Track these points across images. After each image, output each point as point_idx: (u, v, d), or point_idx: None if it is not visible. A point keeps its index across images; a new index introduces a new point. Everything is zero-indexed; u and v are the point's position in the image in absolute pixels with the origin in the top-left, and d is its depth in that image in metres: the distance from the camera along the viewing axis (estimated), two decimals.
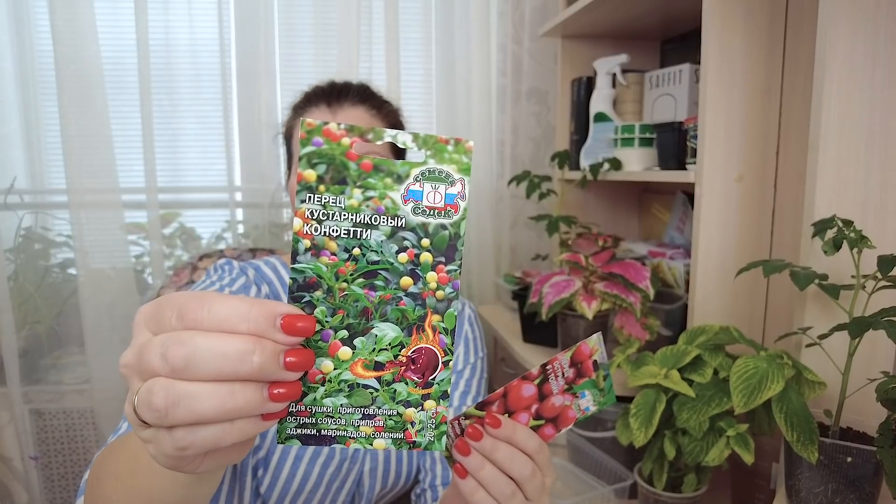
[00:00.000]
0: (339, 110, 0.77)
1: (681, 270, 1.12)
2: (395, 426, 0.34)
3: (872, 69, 0.70)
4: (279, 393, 0.30)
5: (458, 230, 0.33)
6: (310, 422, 0.33)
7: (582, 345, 0.45)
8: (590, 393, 0.45)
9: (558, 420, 0.46)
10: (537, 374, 0.45)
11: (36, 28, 1.48)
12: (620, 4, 1.12)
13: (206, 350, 0.28)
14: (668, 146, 1.03)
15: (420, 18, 1.57)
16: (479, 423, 0.44)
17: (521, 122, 1.63)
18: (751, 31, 0.88)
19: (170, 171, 1.53)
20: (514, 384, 0.45)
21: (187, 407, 0.28)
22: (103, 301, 1.46)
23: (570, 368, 0.45)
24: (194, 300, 0.29)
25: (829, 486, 0.65)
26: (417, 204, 0.33)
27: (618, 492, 0.95)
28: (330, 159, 0.31)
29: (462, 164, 0.33)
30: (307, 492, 0.73)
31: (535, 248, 1.66)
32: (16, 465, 1.53)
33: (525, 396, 0.45)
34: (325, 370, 0.33)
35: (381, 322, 0.33)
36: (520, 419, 0.45)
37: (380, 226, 0.32)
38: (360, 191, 0.32)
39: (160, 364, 0.28)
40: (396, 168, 0.32)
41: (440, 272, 0.33)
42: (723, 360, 0.79)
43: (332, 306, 0.32)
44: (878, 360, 0.72)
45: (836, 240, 0.64)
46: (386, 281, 0.33)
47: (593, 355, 0.45)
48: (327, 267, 0.32)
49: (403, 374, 0.34)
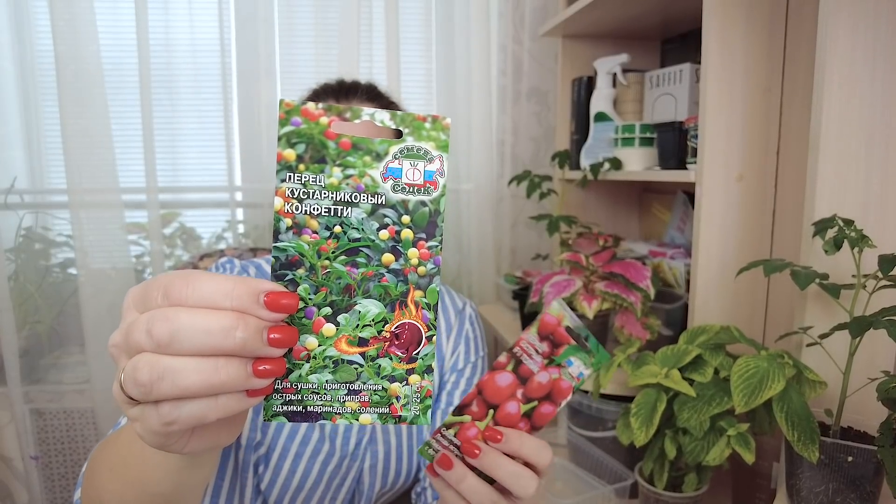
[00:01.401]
0: None
1: (681, 270, 1.12)
2: (381, 401, 0.35)
3: (873, 68, 0.70)
4: (264, 369, 0.30)
5: (438, 206, 0.34)
6: (295, 398, 0.34)
7: (545, 316, 0.43)
8: (576, 359, 0.43)
9: (553, 395, 0.44)
10: (506, 360, 0.43)
11: (36, 28, 1.48)
12: (621, 4, 1.12)
13: (189, 326, 0.28)
14: (668, 146, 1.03)
15: (420, 18, 1.57)
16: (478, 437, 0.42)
17: (522, 122, 1.63)
18: (751, 30, 0.88)
19: (170, 170, 1.53)
20: (486, 378, 0.43)
21: (171, 381, 0.28)
22: (104, 301, 1.46)
23: (541, 343, 0.43)
24: (179, 279, 0.29)
25: (830, 485, 0.65)
26: (397, 181, 0.33)
27: (618, 491, 0.95)
28: (309, 139, 0.32)
29: (440, 142, 0.33)
30: (307, 489, 0.73)
31: (536, 248, 1.66)
32: (16, 465, 1.53)
33: (503, 386, 0.43)
34: (309, 347, 0.33)
35: (363, 298, 0.33)
36: (508, 409, 0.43)
37: (360, 203, 0.33)
38: (339, 169, 0.32)
39: (145, 340, 0.28)
40: (375, 146, 0.32)
41: (421, 248, 0.34)
42: (723, 359, 0.79)
43: (314, 284, 0.33)
44: (879, 359, 0.72)
45: (836, 239, 0.64)
46: (368, 258, 0.33)
47: (561, 322, 0.43)
48: (309, 245, 0.32)
49: (387, 350, 0.34)
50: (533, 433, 0.44)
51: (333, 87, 0.81)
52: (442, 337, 0.85)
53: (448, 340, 0.85)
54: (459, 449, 0.43)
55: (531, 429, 0.44)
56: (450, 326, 0.86)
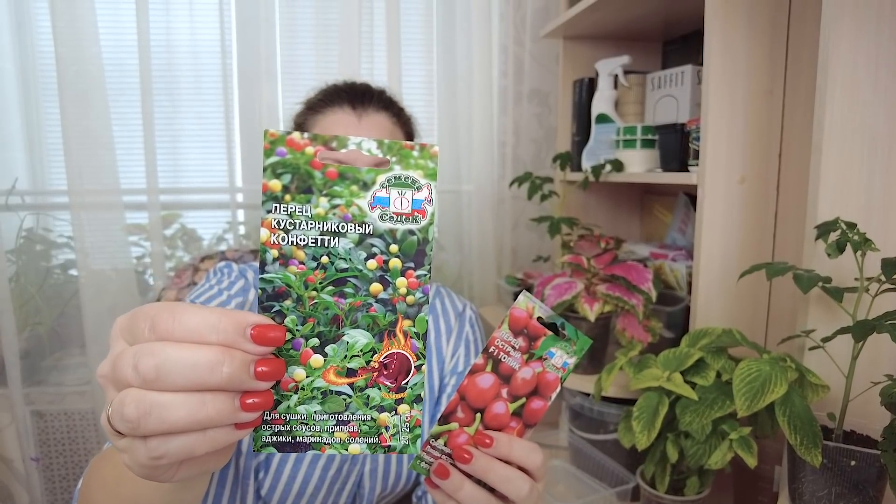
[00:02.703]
0: (363, 115, 0.75)
1: (683, 272, 1.12)
2: (370, 431, 0.34)
3: (876, 70, 0.69)
4: (251, 402, 0.30)
5: (427, 235, 0.33)
6: (284, 429, 0.34)
7: (513, 311, 0.42)
8: (557, 349, 0.42)
9: (540, 389, 0.43)
10: (484, 361, 0.42)
11: (37, 29, 1.48)
12: (622, 6, 1.11)
13: (175, 361, 0.28)
14: (670, 148, 1.02)
15: (421, 20, 1.57)
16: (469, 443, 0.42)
17: (523, 124, 1.63)
18: (753, 31, 0.88)
19: (171, 172, 1.53)
20: (466, 382, 0.42)
21: (158, 417, 0.28)
22: (104, 302, 1.46)
23: (516, 339, 0.42)
24: (165, 312, 0.29)
25: (833, 489, 0.65)
26: (385, 210, 0.33)
27: (620, 494, 0.94)
28: (294, 169, 0.31)
29: (428, 170, 0.33)
30: (309, 494, 0.73)
31: (537, 250, 1.66)
32: (17, 467, 1.53)
33: (485, 388, 0.42)
34: (297, 378, 0.33)
35: (351, 329, 0.33)
36: (496, 410, 0.42)
37: (347, 233, 0.33)
38: (326, 199, 0.32)
39: (132, 375, 0.28)
40: (362, 175, 0.32)
41: (410, 277, 0.33)
42: (725, 362, 0.79)
43: (302, 315, 0.33)
44: (882, 363, 0.71)
45: (839, 242, 0.64)
46: (355, 288, 0.33)
47: (532, 314, 0.42)
48: (296, 276, 0.32)
49: (376, 380, 0.34)
50: (527, 431, 0.44)
51: (345, 88, 0.78)
52: (442, 339, 0.85)
53: (448, 343, 0.85)
54: (451, 457, 0.43)
55: (524, 427, 0.43)
56: (450, 329, 0.86)
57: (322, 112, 0.77)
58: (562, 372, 0.43)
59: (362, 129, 0.74)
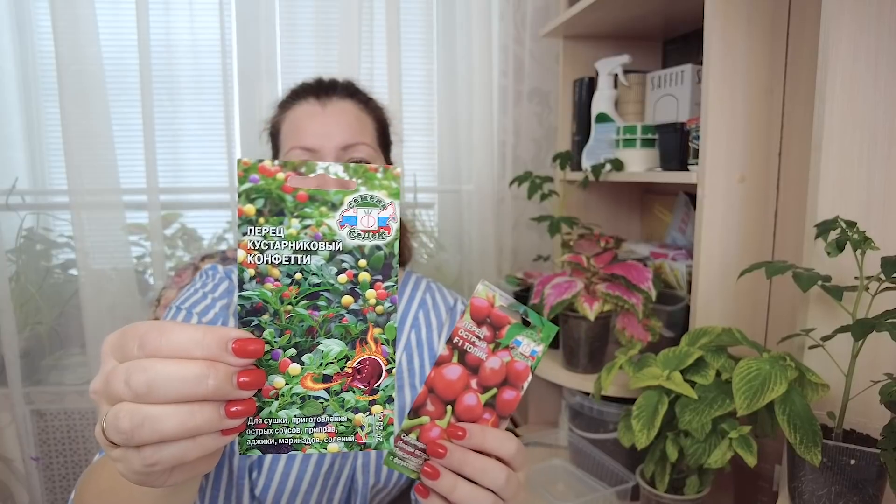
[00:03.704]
0: (328, 103, 0.77)
1: (683, 271, 1.12)
2: (346, 431, 0.37)
3: (876, 68, 0.69)
4: (235, 410, 0.33)
5: (392, 249, 0.36)
6: (267, 433, 0.36)
7: (474, 300, 0.42)
8: (523, 337, 0.42)
9: (511, 379, 0.43)
10: (449, 352, 0.42)
11: (37, 29, 1.48)
12: (622, 5, 1.11)
13: (165, 376, 0.30)
14: (670, 147, 1.02)
15: (421, 19, 1.57)
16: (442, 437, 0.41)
17: (523, 123, 1.62)
18: (753, 30, 0.88)
19: (171, 171, 1.53)
20: (433, 375, 0.42)
21: (151, 428, 0.31)
22: (104, 302, 1.46)
23: (480, 328, 0.42)
24: (153, 330, 0.32)
25: (833, 488, 0.65)
26: (353, 228, 0.35)
27: (620, 494, 0.94)
28: (267, 194, 0.34)
29: (392, 189, 0.35)
30: (303, 491, 0.73)
31: (537, 249, 1.66)
32: (17, 466, 1.53)
33: (453, 379, 0.42)
34: (277, 386, 0.36)
35: (326, 338, 0.36)
36: (467, 402, 0.42)
37: (319, 251, 0.35)
38: (297, 220, 0.34)
39: (125, 390, 0.31)
40: (331, 197, 0.35)
41: (378, 289, 0.36)
42: (725, 361, 0.79)
43: (279, 328, 0.35)
44: (882, 362, 0.71)
45: (839, 241, 0.64)
46: (328, 301, 0.36)
47: (493, 303, 0.42)
48: (272, 292, 0.35)
49: (350, 384, 0.37)
50: (502, 422, 0.43)
51: (312, 84, 0.81)
52: (433, 334, 0.85)
53: (440, 338, 0.85)
54: (424, 452, 0.42)
55: (498, 418, 0.43)
56: (441, 324, 0.87)
57: (290, 108, 0.79)
58: (531, 360, 0.43)
59: (327, 116, 0.76)
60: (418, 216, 1.64)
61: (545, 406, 1.34)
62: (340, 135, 0.75)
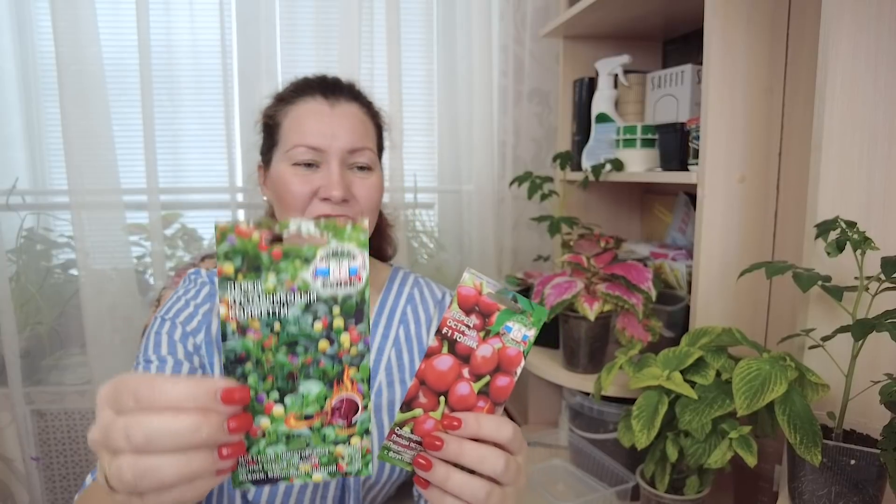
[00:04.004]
0: (336, 103, 0.77)
1: (683, 272, 1.12)
2: (329, 461, 0.40)
3: (875, 68, 0.69)
4: (227, 453, 0.36)
5: (363, 296, 0.38)
6: (257, 468, 0.39)
7: (461, 289, 0.42)
8: (513, 323, 0.42)
9: (503, 365, 0.42)
10: (438, 343, 0.42)
11: (38, 29, 1.48)
12: (622, 5, 1.11)
13: (162, 429, 0.33)
14: (670, 147, 1.02)
15: (421, 19, 1.57)
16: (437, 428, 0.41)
17: (523, 123, 1.62)
18: (753, 31, 0.88)
19: (171, 171, 1.53)
20: (424, 367, 0.42)
21: (152, 477, 0.33)
22: (105, 302, 1.46)
23: (469, 317, 0.42)
24: (145, 385, 0.34)
25: (833, 488, 0.65)
26: (325, 280, 0.38)
27: (620, 494, 0.94)
28: (244, 253, 0.36)
29: (360, 241, 0.38)
30: (296, 492, 0.73)
31: (537, 250, 1.66)
32: (17, 466, 1.53)
33: (444, 370, 0.42)
34: (263, 426, 0.39)
35: (305, 381, 0.39)
36: (460, 392, 0.42)
37: (295, 302, 0.38)
38: (274, 275, 0.37)
39: (125, 444, 0.33)
40: (304, 252, 0.37)
41: (352, 332, 0.39)
42: (725, 361, 0.79)
43: (262, 374, 0.38)
44: (882, 362, 0.71)
45: (839, 241, 0.64)
46: (305, 347, 0.38)
47: (481, 291, 0.42)
48: (253, 343, 0.38)
49: (330, 421, 0.40)
50: (497, 409, 0.43)
51: (316, 80, 0.81)
52: (422, 329, 0.86)
53: (429, 333, 0.86)
54: (420, 445, 0.42)
55: (493, 405, 0.43)
56: (429, 318, 0.87)
57: (293, 102, 0.78)
58: (523, 346, 0.43)
59: (335, 117, 0.76)
60: (418, 216, 1.64)
61: (545, 406, 1.34)
62: (347, 137, 0.75)
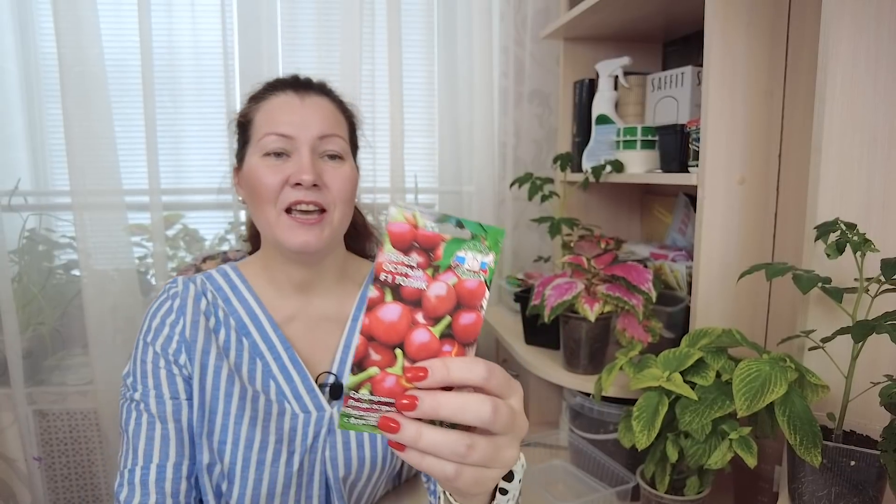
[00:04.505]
0: (306, 96, 0.79)
1: (683, 272, 1.12)
2: None
3: (875, 70, 0.70)
4: None
5: None
6: None
7: (391, 228, 0.37)
8: (465, 251, 0.37)
9: (464, 300, 0.37)
10: (379, 292, 0.37)
11: (40, 30, 1.48)
12: (622, 7, 1.12)
13: None
14: (670, 148, 1.03)
15: (422, 21, 1.57)
16: (400, 385, 0.37)
17: (523, 124, 1.63)
18: (753, 32, 0.88)
19: (173, 172, 1.54)
20: (368, 322, 0.37)
21: None
22: (107, 302, 1.46)
23: (409, 256, 0.37)
24: None
25: (833, 489, 0.65)
26: None
27: (620, 494, 0.95)
28: None
29: None
30: (279, 494, 0.73)
31: (537, 250, 1.66)
32: (19, 466, 1.54)
33: (394, 319, 0.37)
34: None
35: None
36: (418, 339, 0.37)
37: None
38: None
39: None
40: None
41: None
42: (725, 362, 0.79)
43: None
44: (882, 363, 0.71)
45: (839, 243, 0.64)
46: None
47: (416, 224, 0.37)
48: None
49: None
50: (468, 351, 0.38)
51: (288, 79, 0.83)
52: None
53: None
54: (388, 405, 0.37)
55: (462, 346, 0.38)
56: None
57: (265, 98, 0.80)
58: (483, 275, 0.38)
59: (305, 107, 0.77)
60: None
61: (545, 407, 1.34)
62: (317, 125, 0.76)
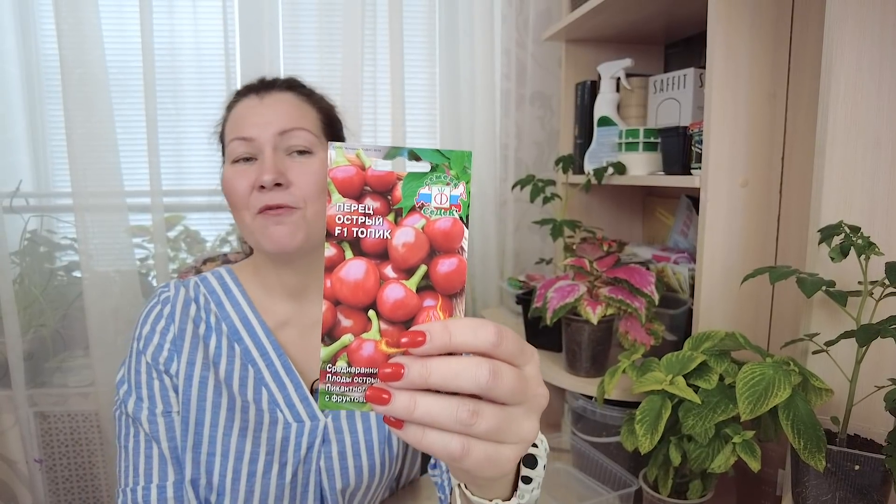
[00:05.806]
0: (266, 96, 0.79)
1: (685, 275, 1.12)
2: None
3: (879, 73, 0.69)
4: None
5: None
6: None
7: (334, 174, 0.32)
8: (429, 186, 0.33)
9: (439, 244, 0.33)
10: (336, 249, 0.33)
11: (41, 32, 1.49)
12: (624, 8, 1.11)
13: None
14: (672, 151, 1.02)
15: (424, 23, 1.57)
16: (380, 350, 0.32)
17: (525, 126, 1.63)
18: (756, 34, 0.88)
19: (174, 174, 1.54)
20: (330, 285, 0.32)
21: None
22: (108, 304, 1.46)
23: (362, 203, 0.32)
24: None
25: (837, 494, 0.65)
26: None
27: (623, 498, 0.94)
28: None
29: None
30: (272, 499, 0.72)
31: (539, 252, 1.66)
32: (20, 468, 1.54)
33: (360, 278, 0.32)
34: None
35: None
36: (392, 296, 0.32)
37: None
38: None
39: None
40: None
41: None
42: (728, 366, 0.79)
43: None
44: (886, 367, 0.71)
45: (843, 246, 0.64)
46: None
47: (363, 165, 0.33)
48: None
49: None
50: (456, 302, 0.33)
51: (254, 84, 0.83)
52: None
53: None
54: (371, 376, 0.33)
55: (448, 298, 0.33)
56: None
57: (233, 107, 0.81)
58: (456, 210, 0.33)
59: (264, 106, 0.77)
60: None
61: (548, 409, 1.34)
62: (277, 122, 0.75)
